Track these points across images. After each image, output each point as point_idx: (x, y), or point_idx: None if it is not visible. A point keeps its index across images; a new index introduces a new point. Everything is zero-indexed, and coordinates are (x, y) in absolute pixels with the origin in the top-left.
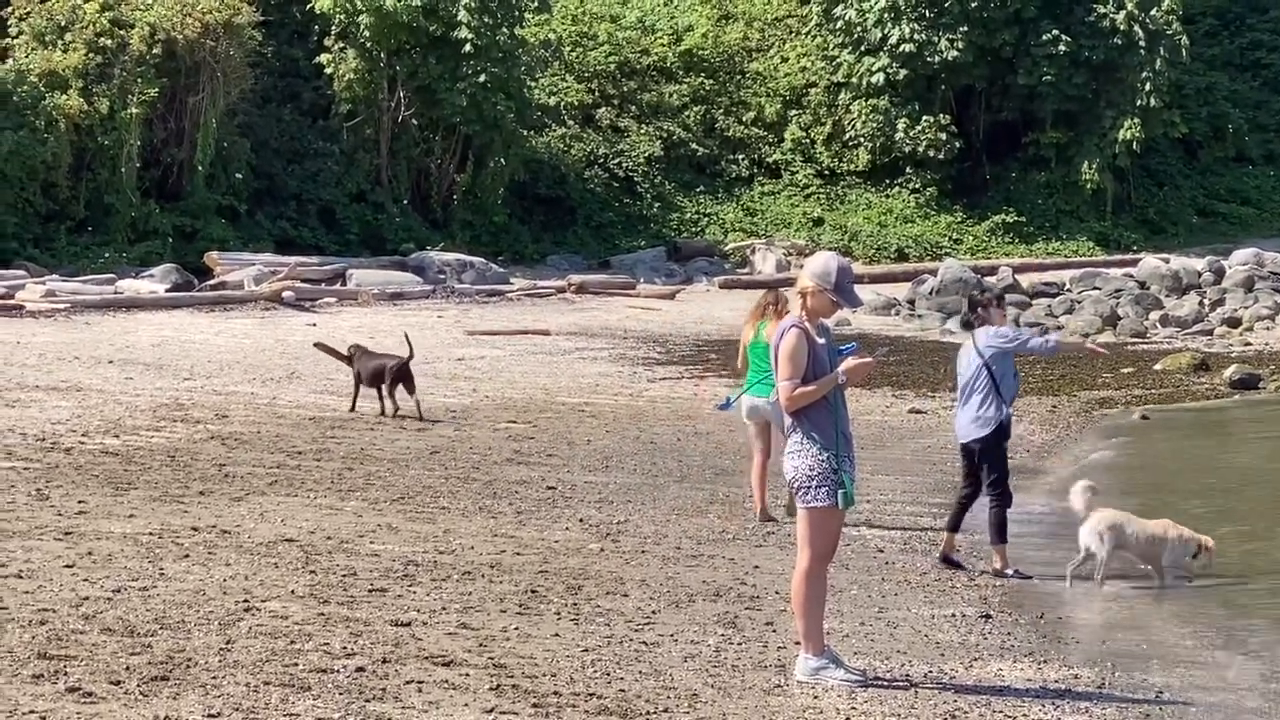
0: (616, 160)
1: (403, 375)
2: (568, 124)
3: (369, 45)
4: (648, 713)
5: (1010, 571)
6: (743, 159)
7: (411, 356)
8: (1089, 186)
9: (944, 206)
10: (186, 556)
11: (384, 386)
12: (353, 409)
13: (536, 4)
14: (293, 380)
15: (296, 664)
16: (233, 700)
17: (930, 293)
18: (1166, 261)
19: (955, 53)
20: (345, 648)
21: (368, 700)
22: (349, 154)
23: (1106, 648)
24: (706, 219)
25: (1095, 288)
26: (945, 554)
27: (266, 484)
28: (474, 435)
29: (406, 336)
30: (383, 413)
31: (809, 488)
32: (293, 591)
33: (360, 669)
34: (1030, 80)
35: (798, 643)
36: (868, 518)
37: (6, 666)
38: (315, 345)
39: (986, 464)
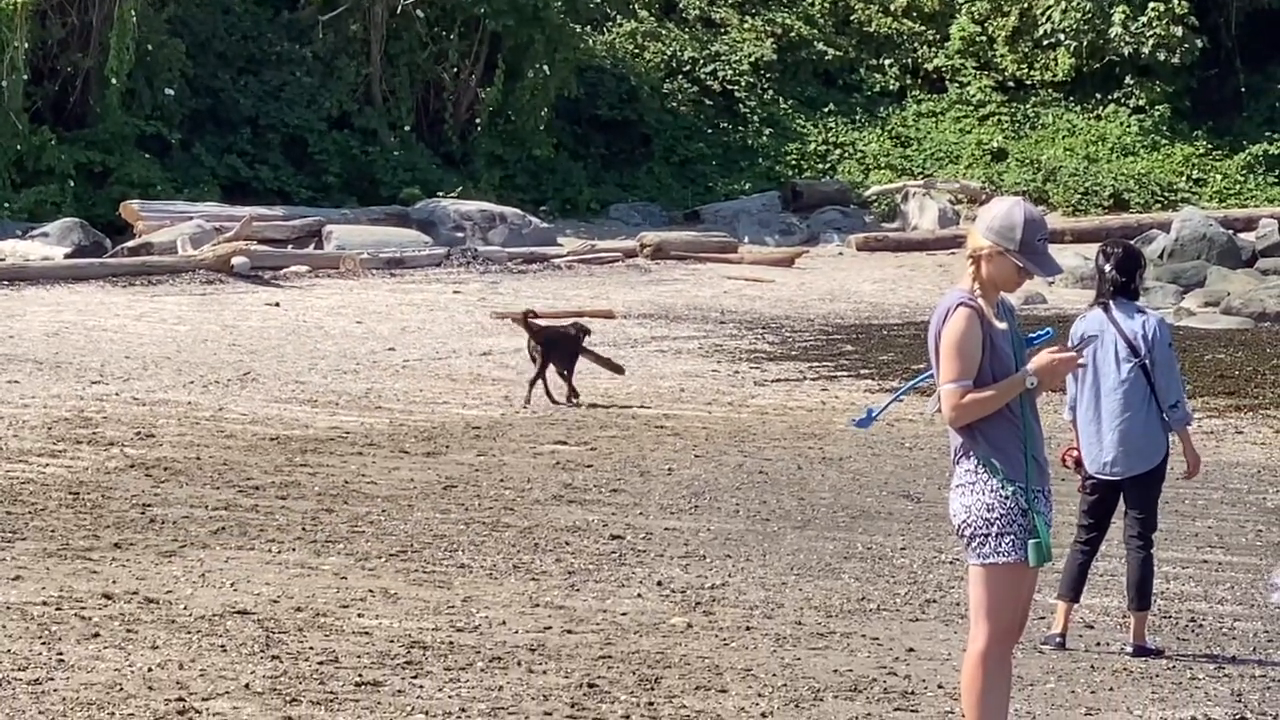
0: (710, 68)
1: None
2: (639, 16)
3: None
4: None
5: (1153, 645)
6: (890, 65)
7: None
8: None
9: (1180, 133)
10: (96, 635)
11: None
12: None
13: None
14: (247, 384)
15: None
16: None
17: (1160, 256)
18: None
19: None
20: None
21: None
22: (326, 60)
23: None
24: (839, 152)
25: None
26: (1064, 632)
27: (209, 532)
28: (506, 461)
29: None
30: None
31: (986, 536)
32: (247, 686)
33: None
34: None
35: None
36: None
37: None
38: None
39: (1138, 503)
